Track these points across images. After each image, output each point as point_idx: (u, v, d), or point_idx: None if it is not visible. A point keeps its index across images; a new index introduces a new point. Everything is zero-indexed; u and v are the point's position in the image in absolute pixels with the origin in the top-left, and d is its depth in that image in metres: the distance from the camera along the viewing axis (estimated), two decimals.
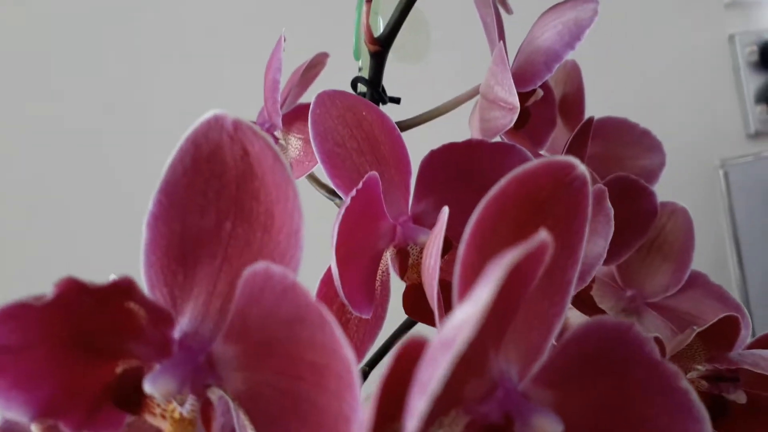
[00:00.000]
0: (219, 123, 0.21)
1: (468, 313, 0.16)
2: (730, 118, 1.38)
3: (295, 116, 0.45)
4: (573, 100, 0.47)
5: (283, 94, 0.47)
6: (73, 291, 0.19)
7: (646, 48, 1.30)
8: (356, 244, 0.32)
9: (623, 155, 0.47)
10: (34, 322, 0.20)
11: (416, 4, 0.40)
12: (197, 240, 0.22)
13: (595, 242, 0.35)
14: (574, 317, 0.42)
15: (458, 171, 0.36)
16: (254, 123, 0.47)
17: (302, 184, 0.45)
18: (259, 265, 0.20)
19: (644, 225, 0.44)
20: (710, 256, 1.36)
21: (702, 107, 1.35)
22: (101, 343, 0.21)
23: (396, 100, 0.43)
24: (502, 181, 0.21)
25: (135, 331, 0.21)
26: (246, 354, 0.21)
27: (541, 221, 0.22)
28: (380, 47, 0.40)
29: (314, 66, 0.48)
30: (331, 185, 0.34)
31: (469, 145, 0.35)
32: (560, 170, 0.21)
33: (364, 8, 0.38)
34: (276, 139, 0.46)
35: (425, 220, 0.36)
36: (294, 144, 0.44)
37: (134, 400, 0.22)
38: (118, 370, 0.22)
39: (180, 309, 0.22)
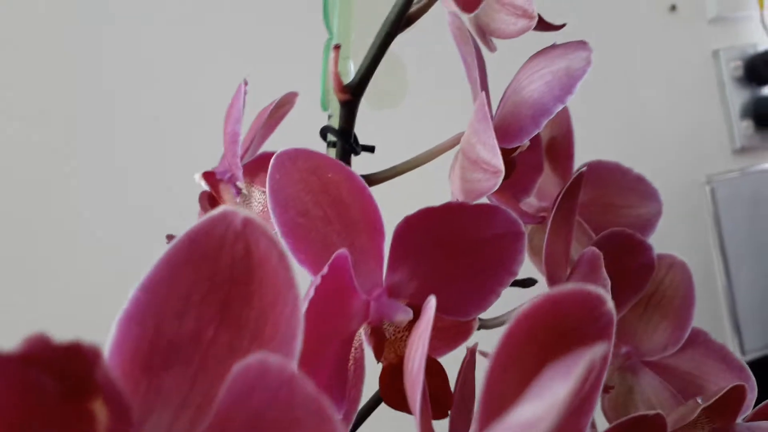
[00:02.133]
0: (227, 219, 0.20)
1: (543, 409, 0.15)
2: (716, 133, 1.36)
3: (260, 165, 0.41)
4: (561, 143, 0.43)
5: (247, 138, 0.43)
6: (39, 350, 0.16)
7: (630, 64, 1.28)
8: (326, 332, 0.28)
9: (618, 203, 0.43)
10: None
11: (391, 47, 0.36)
12: (170, 346, 0.20)
13: None
14: None
15: (436, 236, 0.32)
16: (214, 172, 0.43)
17: None
18: (254, 358, 0.17)
19: (641, 281, 0.41)
20: (698, 269, 1.33)
21: (688, 123, 1.33)
22: None
23: (370, 149, 0.39)
24: (536, 300, 0.20)
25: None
26: None
27: (566, 347, 0.20)
28: (351, 96, 0.36)
29: (282, 106, 0.44)
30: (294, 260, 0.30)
31: (448, 208, 0.31)
32: (591, 302, 0.21)
33: (332, 54, 0.34)
34: (238, 191, 0.42)
35: (402, 291, 0.32)
36: (258, 198, 0.41)
37: None
38: None
39: (141, 420, 0.19)
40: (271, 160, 0.31)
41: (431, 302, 0.25)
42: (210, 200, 0.42)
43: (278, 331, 0.20)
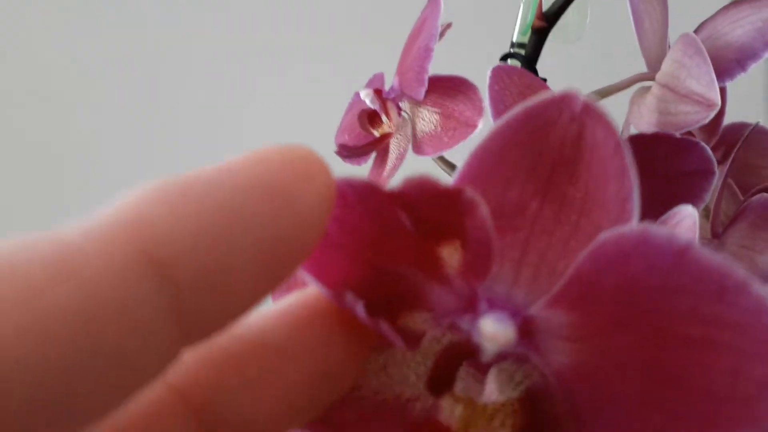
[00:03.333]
0: (566, 100, 0.19)
1: None
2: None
3: (429, 89, 0.42)
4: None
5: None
6: (419, 192, 0.17)
7: None
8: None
9: (760, 164, 0.45)
10: (356, 217, 0.18)
11: None
12: (500, 211, 0.21)
13: None
14: None
15: (638, 165, 0.33)
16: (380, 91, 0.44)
17: (427, 162, 0.43)
18: (631, 228, 0.18)
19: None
20: None
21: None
22: (401, 275, 0.19)
23: (543, 81, 0.40)
24: None
25: (441, 275, 0.19)
26: (583, 323, 0.18)
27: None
28: (546, 23, 0.37)
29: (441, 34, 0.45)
30: None
31: (656, 137, 0.33)
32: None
33: None
34: (400, 111, 0.43)
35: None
36: (427, 118, 0.42)
37: (445, 380, 0.20)
38: (403, 319, 0.20)
39: (491, 265, 0.20)
40: (489, 74, 0.33)
41: None
42: (370, 118, 0.43)
43: (608, 213, 0.20)
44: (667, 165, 0.34)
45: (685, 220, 0.25)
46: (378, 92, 0.42)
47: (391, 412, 0.21)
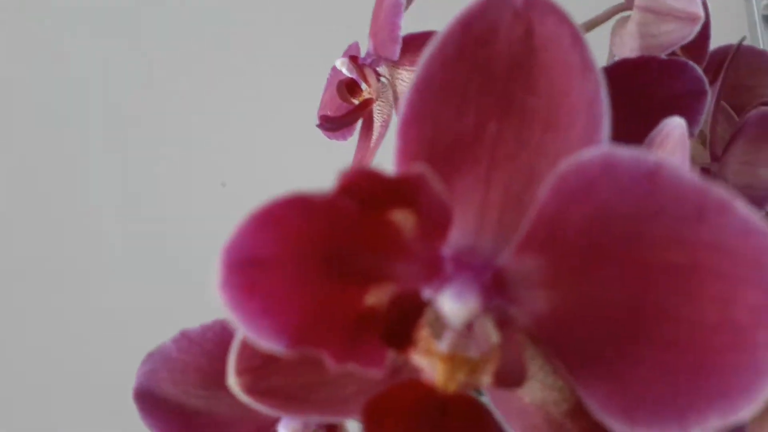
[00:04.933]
0: None
1: None
2: None
3: (404, 49, 0.41)
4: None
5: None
6: (360, 181, 0.16)
7: None
8: None
9: (754, 84, 0.43)
10: (296, 227, 0.16)
11: None
12: (455, 146, 0.19)
13: None
14: None
15: (625, 89, 0.32)
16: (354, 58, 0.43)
17: None
18: (590, 153, 0.16)
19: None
20: None
21: None
22: (359, 262, 0.18)
23: None
24: None
25: (398, 246, 0.18)
26: (557, 266, 0.17)
27: None
28: None
29: None
30: None
31: (642, 61, 0.32)
32: None
33: None
34: (378, 76, 0.42)
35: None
36: (407, 78, 0.40)
37: (402, 333, 0.18)
38: (374, 297, 0.18)
39: (451, 226, 0.19)
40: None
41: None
42: (349, 87, 0.42)
43: (576, 121, 0.18)
44: (657, 89, 0.33)
45: (674, 132, 0.24)
46: (354, 59, 0.41)
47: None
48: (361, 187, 0.16)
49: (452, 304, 0.17)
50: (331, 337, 0.17)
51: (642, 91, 0.33)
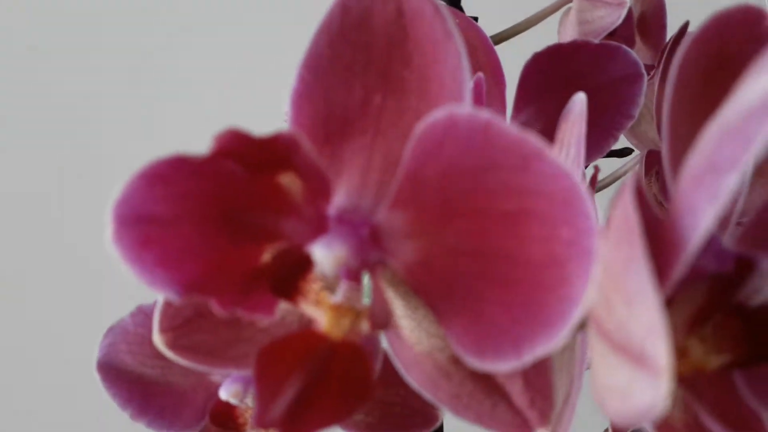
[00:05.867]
0: None
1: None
2: None
3: None
4: (652, 16, 0.45)
5: None
6: (235, 143, 0.18)
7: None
8: None
9: None
10: (185, 187, 0.18)
11: None
12: (344, 117, 0.21)
13: None
14: None
15: (561, 76, 0.34)
16: None
17: None
18: (439, 113, 0.18)
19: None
20: None
21: None
22: (250, 221, 0.20)
23: (474, 19, 0.41)
24: (701, 26, 0.20)
25: (287, 206, 0.20)
26: (419, 219, 0.19)
27: (730, 73, 0.20)
28: None
29: None
30: None
31: (574, 45, 0.33)
32: (751, 16, 0.20)
33: None
34: None
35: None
36: None
37: (289, 285, 0.20)
38: (267, 253, 0.20)
39: (331, 188, 0.21)
40: None
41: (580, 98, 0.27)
42: None
43: (444, 87, 0.20)
44: (594, 75, 0.34)
45: (575, 107, 0.26)
46: None
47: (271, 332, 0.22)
48: (238, 150, 0.18)
49: (322, 252, 0.19)
50: (222, 287, 0.19)
51: (580, 77, 0.34)
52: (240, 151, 0.18)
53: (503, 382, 0.21)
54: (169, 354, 0.23)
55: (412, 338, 0.22)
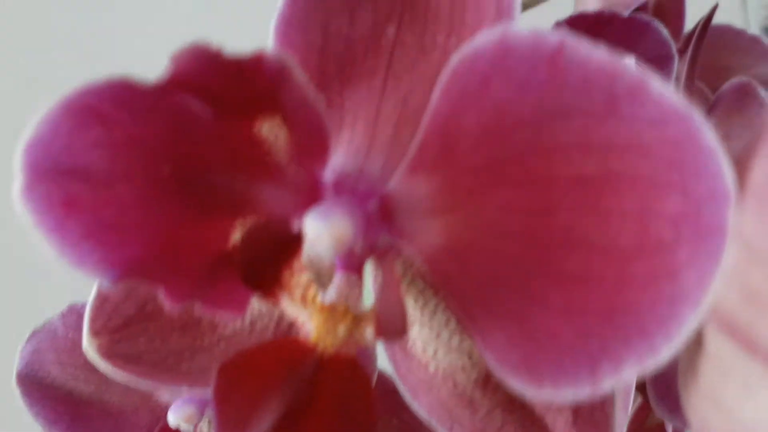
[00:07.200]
0: None
1: None
2: None
3: None
4: (670, 4, 0.41)
5: None
6: (197, 68, 0.12)
7: None
8: None
9: (733, 64, 0.41)
10: (127, 129, 0.13)
11: None
12: (345, 55, 0.16)
13: None
14: None
15: None
16: None
17: None
18: (484, 37, 0.13)
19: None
20: None
21: None
22: (216, 183, 0.14)
23: None
24: None
25: (268, 165, 0.15)
26: (450, 188, 0.14)
27: None
28: None
29: None
30: None
31: (599, 16, 0.29)
32: None
33: None
34: None
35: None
36: None
37: (267, 274, 0.15)
38: (238, 229, 0.15)
39: (329, 144, 0.15)
40: None
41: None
42: None
43: (485, 15, 0.15)
44: (619, 51, 0.30)
45: None
46: None
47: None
48: (203, 79, 0.13)
49: (316, 226, 0.13)
50: (175, 272, 0.14)
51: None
52: (205, 81, 0.13)
53: (544, 414, 0.16)
54: (102, 365, 0.18)
55: (425, 353, 0.16)
